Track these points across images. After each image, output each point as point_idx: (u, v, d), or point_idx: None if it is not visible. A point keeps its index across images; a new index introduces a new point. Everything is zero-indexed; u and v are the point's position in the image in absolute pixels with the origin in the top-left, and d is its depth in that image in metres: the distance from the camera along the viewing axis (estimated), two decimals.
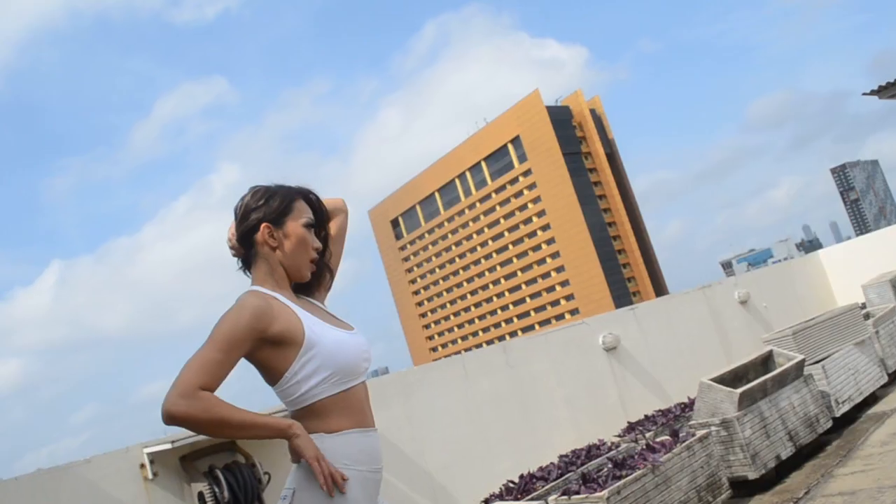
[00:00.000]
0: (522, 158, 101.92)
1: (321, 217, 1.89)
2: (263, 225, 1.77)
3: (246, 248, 1.81)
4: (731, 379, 4.50)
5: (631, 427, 4.88)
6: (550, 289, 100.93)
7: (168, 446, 3.47)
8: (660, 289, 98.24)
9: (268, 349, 1.66)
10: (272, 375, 1.71)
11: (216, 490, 3.48)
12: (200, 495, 3.54)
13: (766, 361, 4.81)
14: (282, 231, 1.78)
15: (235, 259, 1.86)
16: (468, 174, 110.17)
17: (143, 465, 3.54)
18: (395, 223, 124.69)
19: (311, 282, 1.90)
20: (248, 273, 1.82)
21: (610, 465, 3.70)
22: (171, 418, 1.52)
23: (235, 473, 3.50)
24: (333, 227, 1.98)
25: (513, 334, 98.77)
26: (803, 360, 4.68)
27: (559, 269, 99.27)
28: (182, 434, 3.65)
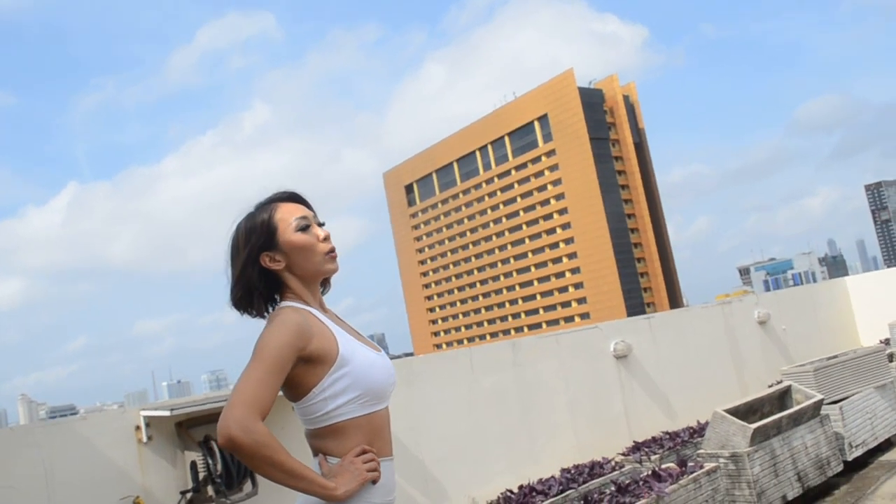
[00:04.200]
0: (548, 138, 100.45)
1: (309, 204, 1.73)
2: (261, 256, 1.64)
3: (267, 284, 1.67)
4: (746, 411, 4.36)
5: (637, 447, 4.76)
6: (563, 289, 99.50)
7: (166, 413, 3.39)
8: (672, 287, 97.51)
9: (300, 366, 1.56)
10: (297, 391, 1.60)
11: (209, 461, 3.41)
12: (193, 465, 3.48)
13: (782, 396, 4.67)
14: (279, 251, 1.65)
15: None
16: (490, 147, 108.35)
17: (138, 428, 3.48)
18: (409, 189, 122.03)
19: None
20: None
21: (613, 489, 3.60)
22: (230, 445, 1.43)
23: None
24: None
25: (518, 329, 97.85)
26: (822, 400, 4.54)
27: (574, 268, 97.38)
28: (181, 402, 3.58)
